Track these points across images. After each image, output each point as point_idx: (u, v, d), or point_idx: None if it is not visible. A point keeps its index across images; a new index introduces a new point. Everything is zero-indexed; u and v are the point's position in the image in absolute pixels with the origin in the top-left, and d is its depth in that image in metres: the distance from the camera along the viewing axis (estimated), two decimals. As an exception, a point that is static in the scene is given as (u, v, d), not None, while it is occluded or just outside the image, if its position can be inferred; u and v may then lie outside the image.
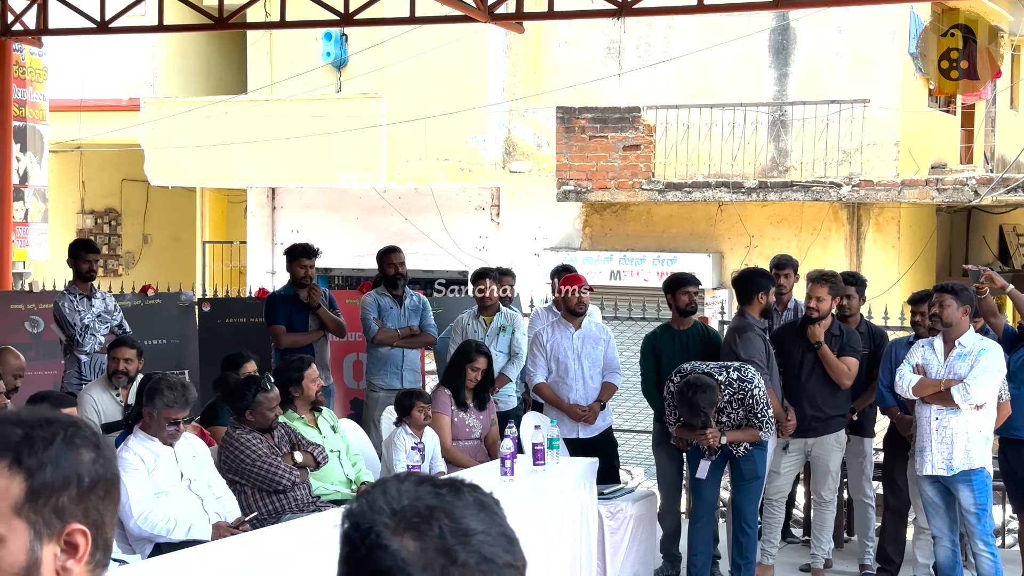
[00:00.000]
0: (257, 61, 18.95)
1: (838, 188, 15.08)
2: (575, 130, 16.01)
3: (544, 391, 8.27)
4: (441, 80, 17.22)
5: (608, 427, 8.44)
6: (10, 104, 11.42)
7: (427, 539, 1.45)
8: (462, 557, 1.44)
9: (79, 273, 8.84)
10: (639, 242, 16.85)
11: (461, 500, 1.50)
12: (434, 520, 1.46)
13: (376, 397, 8.98)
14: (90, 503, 1.66)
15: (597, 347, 8.25)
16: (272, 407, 6.53)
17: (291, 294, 9.01)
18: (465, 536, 1.46)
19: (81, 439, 1.68)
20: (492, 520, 1.50)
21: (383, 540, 1.45)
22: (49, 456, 1.64)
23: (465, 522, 1.47)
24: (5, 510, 1.62)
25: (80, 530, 1.65)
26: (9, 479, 1.63)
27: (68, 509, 1.64)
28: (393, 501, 1.49)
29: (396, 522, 1.47)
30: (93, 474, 1.67)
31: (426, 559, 1.44)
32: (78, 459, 1.66)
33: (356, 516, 1.50)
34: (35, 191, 14.98)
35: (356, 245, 17.78)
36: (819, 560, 7.87)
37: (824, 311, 7.58)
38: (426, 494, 1.50)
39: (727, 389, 6.99)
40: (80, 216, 21.47)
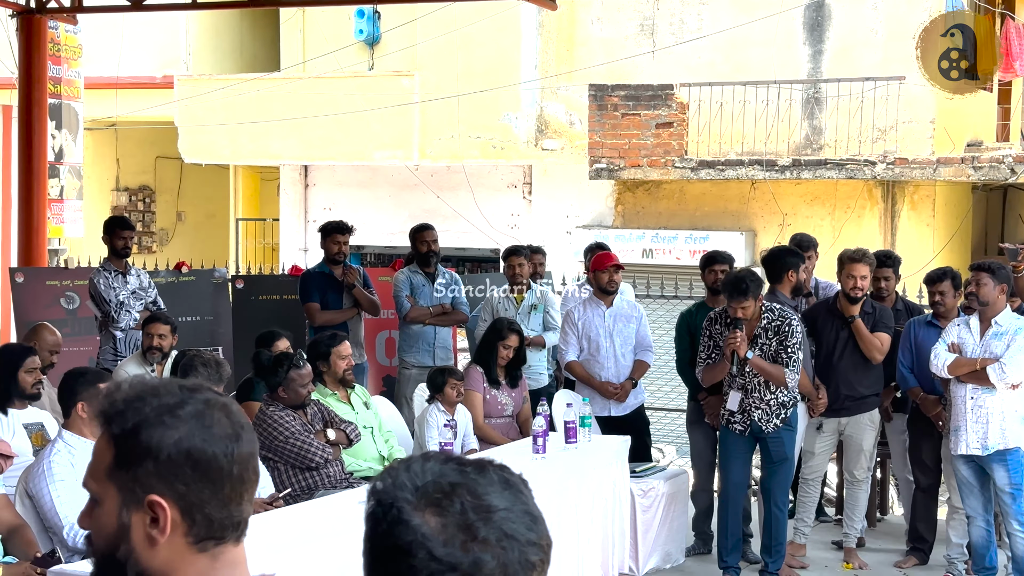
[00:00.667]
0: (290, 39, 18.96)
1: (873, 166, 14.97)
2: (608, 108, 15.95)
3: (576, 369, 8.28)
4: (474, 58, 17.19)
5: (640, 405, 8.44)
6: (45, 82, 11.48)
7: (448, 515, 1.45)
8: (483, 533, 1.45)
9: (114, 250, 8.88)
10: (671, 220, 16.78)
11: (485, 478, 1.50)
12: (456, 496, 1.46)
13: (408, 374, 9.01)
14: (175, 477, 1.72)
15: (629, 325, 8.24)
16: (304, 384, 6.56)
17: (325, 272, 9.03)
18: (487, 512, 1.46)
19: (181, 414, 1.74)
20: (516, 498, 1.50)
21: (404, 515, 1.46)
22: (134, 427, 1.72)
23: (488, 499, 1.47)
24: (102, 474, 1.75)
25: (158, 502, 1.71)
26: (107, 445, 1.75)
27: (147, 480, 1.72)
28: (416, 478, 1.49)
29: (418, 498, 1.47)
30: (176, 449, 1.72)
31: (447, 535, 1.44)
32: (163, 433, 1.72)
33: (379, 493, 1.51)
34: (70, 168, 15.06)
35: (388, 222, 17.80)
36: (851, 539, 7.85)
37: (867, 289, 7.55)
38: (450, 471, 1.50)
39: (766, 315, 6.97)
40: (114, 193, 21.59)
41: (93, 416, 1.81)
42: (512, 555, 1.45)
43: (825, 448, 7.79)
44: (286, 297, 10.09)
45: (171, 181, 21.95)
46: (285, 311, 9.81)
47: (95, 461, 1.76)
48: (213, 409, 1.76)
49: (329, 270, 9.00)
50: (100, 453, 1.76)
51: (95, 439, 1.77)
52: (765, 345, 6.96)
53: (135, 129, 20.46)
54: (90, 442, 5.40)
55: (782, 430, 7.08)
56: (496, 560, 1.44)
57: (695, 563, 7.84)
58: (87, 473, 1.78)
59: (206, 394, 1.79)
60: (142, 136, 20.84)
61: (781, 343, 6.92)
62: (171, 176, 21.82)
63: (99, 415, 1.76)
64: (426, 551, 1.44)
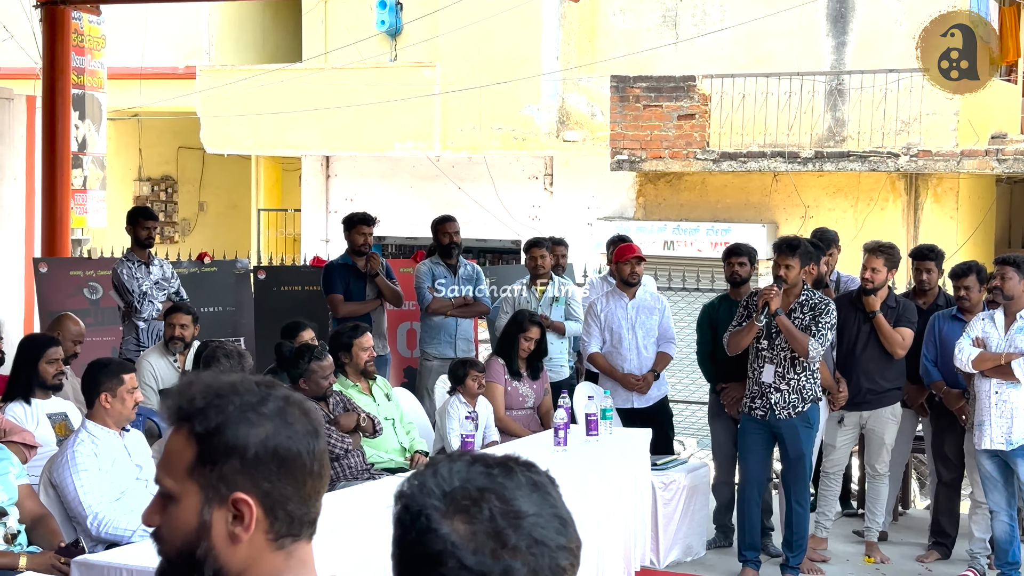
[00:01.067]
0: (312, 29, 18.98)
1: (896, 158, 14.90)
2: (629, 99, 15.92)
3: (598, 360, 8.27)
4: (495, 49, 17.17)
5: (663, 397, 8.42)
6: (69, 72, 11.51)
7: (477, 522, 1.44)
8: (513, 540, 1.44)
9: (137, 240, 8.90)
10: (693, 212, 16.75)
11: (513, 481, 1.49)
12: (484, 503, 1.46)
13: (429, 366, 9.01)
14: (259, 474, 1.72)
15: (651, 317, 8.22)
16: (325, 375, 6.56)
17: (349, 263, 9.03)
18: (516, 519, 1.45)
19: (262, 411, 1.75)
20: (545, 501, 1.49)
21: (433, 523, 1.45)
22: (219, 424, 1.73)
23: (516, 504, 1.46)
24: (182, 472, 1.74)
25: (244, 499, 1.71)
26: (187, 442, 1.75)
27: (232, 477, 1.72)
28: (444, 483, 1.49)
29: (446, 505, 1.47)
30: (262, 447, 1.73)
31: (477, 542, 1.44)
32: (248, 431, 1.73)
33: (407, 498, 1.50)
34: (93, 159, 15.11)
35: (409, 213, 17.81)
36: (872, 533, 7.82)
37: (879, 282, 7.49)
38: (477, 475, 1.50)
39: (805, 293, 6.95)
40: (137, 183, 21.67)
41: (166, 414, 1.79)
42: (543, 561, 1.45)
43: (846, 441, 7.76)
44: (308, 288, 10.10)
45: (193, 171, 22.02)
46: (307, 302, 9.82)
47: (171, 458, 1.75)
48: (292, 406, 1.78)
49: (352, 261, 9.00)
50: (178, 450, 1.74)
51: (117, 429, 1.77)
52: (798, 319, 6.93)
53: (158, 119, 20.53)
54: (113, 432, 5.43)
55: (798, 424, 7.02)
56: (527, 567, 1.44)
57: (716, 556, 7.82)
58: (161, 470, 1.77)
59: (282, 391, 1.80)
60: (165, 126, 20.91)
61: (814, 319, 6.90)
62: (193, 166, 21.89)
63: (175, 412, 1.76)
64: (456, 560, 1.43)
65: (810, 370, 6.99)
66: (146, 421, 6.91)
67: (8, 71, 16.96)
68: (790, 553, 7.18)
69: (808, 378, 6.99)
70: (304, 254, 15.75)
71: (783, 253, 6.92)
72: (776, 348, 6.99)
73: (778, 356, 7.00)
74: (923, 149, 14.85)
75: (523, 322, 7.93)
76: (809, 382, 7.00)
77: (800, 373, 6.97)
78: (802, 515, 7.13)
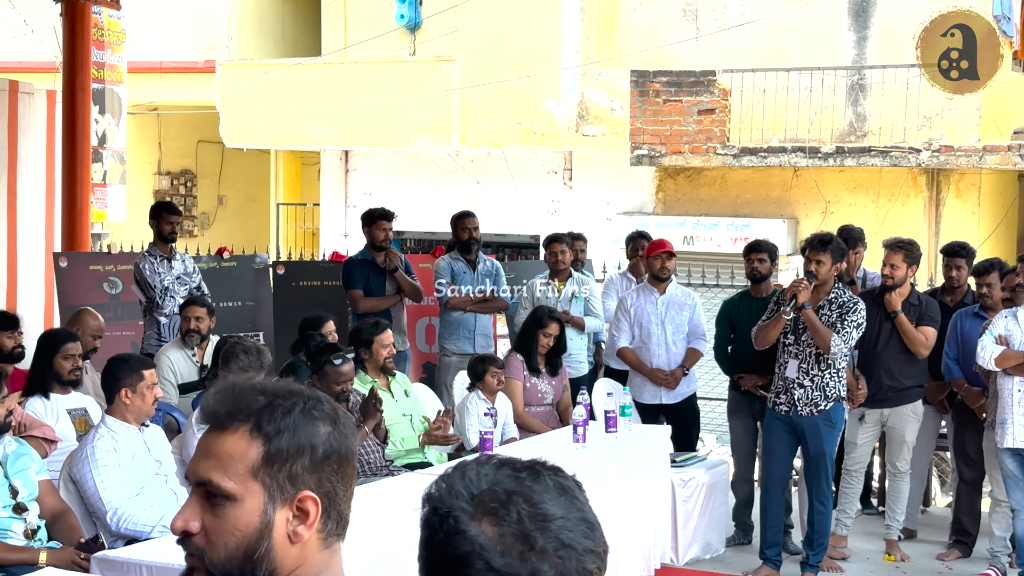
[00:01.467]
0: (331, 24, 18.99)
1: (917, 153, 14.82)
2: (649, 94, 15.87)
3: (627, 355, 8.27)
4: (514, 43, 17.14)
5: (692, 394, 8.39)
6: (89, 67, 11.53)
7: (505, 524, 1.44)
8: (540, 543, 1.44)
9: (161, 235, 8.92)
10: (713, 207, 16.70)
11: (541, 484, 1.49)
12: (512, 505, 1.46)
13: (448, 361, 9.01)
14: (323, 474, 1.75)
15: (681, 313, 8.19)
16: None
17: (368, 258, 9.03)
18: (544, 521, 1.45)
19: (320, 412, 1.77)
20: (572, 505, 1.49)
21: (461, 525, 1.46)
22: (287, 424, 1.74)
23: (544, 507, 1.46)
24: (243, 472, 1.73)
25: (312, 497, 1.73)
26: (249, 442, 1.74)
27: (301, 476, 1.73)
28: (472, 485, 1.49)
29: (474, 507, 1.47)
30: (327, 446, 1.75)
31: (504, 544, 1.44)
32: (314, 430, 1.75)
33: (435, 500, 1.50)
34: (113, 153, 15.15)
35: (428, 208, 17.80)
36: (893, 531, 7.78)
37: (899, 279, 7.44)
38: (505, 478, 1.50)
39: (835, 291, 6.93)
40: (156, 177, 21.72)
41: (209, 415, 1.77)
42: (570, 564, 1.45)
43: (867, 439, 7.72)
44: (327, 283, 10.11)
45: (213, 165, 22.06)
46: (326, 297, 9.82)
47: (230, 459, 1.73)
48: (333, 408, 1.81)
49: (372, 257, 9.00)
50: (239, 452, 1.73)
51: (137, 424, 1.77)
52: (825, 316, 6.91)
53: (177, 114, 20.56)
54: (133, 427, 5.43)
55: (820, 422, 6.97)
56: (554, 570, 1.43)
57: (735, 553, 7.80)
58: (214, 471, 1.73)
59: (315, 392, 1.83)
60: (184, 121, 20.94)
61: (841, 317, 6.87)
62: (213, 160, 21.92)
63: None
64: (484, 561, 1.43)
65: (835, 368, 6.94)
66: (165, 416, 6.92)
67: (29, 65, 17.02)
68: (810, 551, 7.15)
69: (832, 376, 6.95)
70: (323, 249, 15.77)
71: (815, 249, 6.91)
72: (802, 344, 6.97)
73: (803, 352, 6.97)
74: (945, 144, 14.77)
75: (542, 318, 7.92)
76: (833, 380, 6.96)
77: (824, 370, 6.93)
78: (823, 513, 7.09)
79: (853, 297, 6.98)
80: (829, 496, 7.13)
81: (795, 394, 6.99)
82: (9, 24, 17.01)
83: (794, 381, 6.98)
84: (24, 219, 12.21)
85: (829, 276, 6.92)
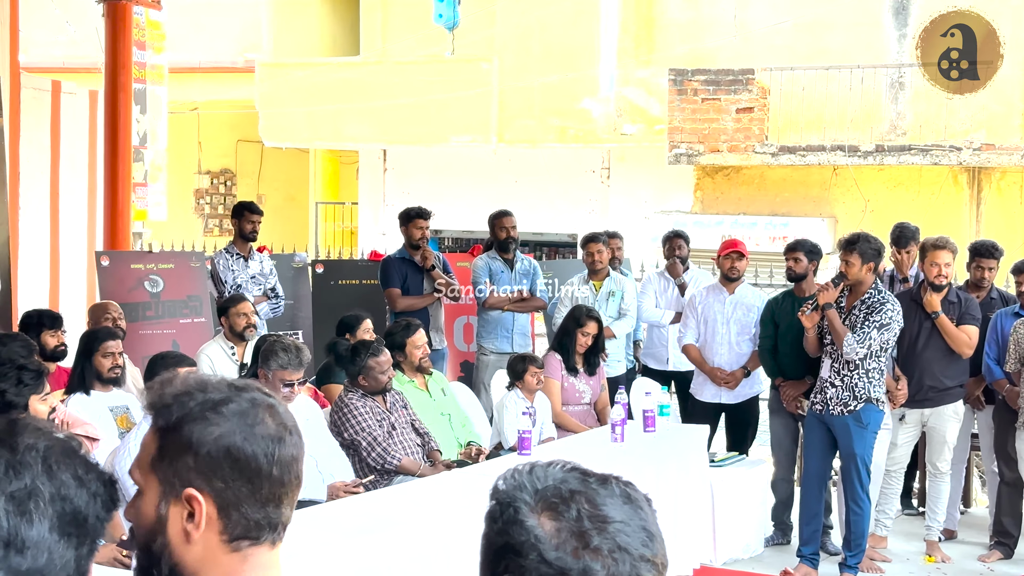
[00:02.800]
0: (370, 23, 19.05)
1: (958, 152, 14.71)
2: (687, 92, 15.83)
3: (691, 352, 8.26)
4: (552, 42, 17.14)
5: (755, 396, 8.34)
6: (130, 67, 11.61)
7: (564, 520, 1.45)
8: (596, 542, 1.44)
9: (242, 233, 9.06)
10: (751, 206, 16.63)
11: (606, 489, 1.50)
12: (574, 503, 1.47)
13: (486, 360, 9.02)
14: (215, 473, 1.73)
15: (749, 314, 8.13)
16: (384, 370, 6.58)
17: (406, 257, 9.05)
18: (602, 522, 1.46)
19: (224, 412, 1.75)
20: (635, 513, 1.50)
21: (521, 516, 1.47)
22: (176, 422, 1.74)
23: (605, 509, 1.47)
24: (146, 464, 1.77)
25: (195, 496, 1.72)
26: (152, 436, 1.78)
27: (186, 474, 1.73)
28: (537, 481, 1.50)
29: (536, 500, 1.48)
30: (215, 447, 1.73)
31: (560, 539, 1.45)
32: (204, 430, 1.73)
33: (500, 493, 1.52)
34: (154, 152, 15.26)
35: (466, 207, 17.83)
36: (933, 532, 7.72)
37: (950, 277, 7.42)
38: (572, 479, 1.51)
39: (871, 292, 6.89)
40: (196, 177, 21.86)
41: (144, 408, 1.82)
42: (623, 568, 1.45)
43: (907, 439, 7.67)
44: (365, 282, 10.14)
45: (252, 164, 22.18)
46: (365, 296, 9.85)
47: (142, 452, 1.78)
48: (258, 408, 1.77)
49: (409, 256, 9.03)
50: (146, 444, 1.78)
51: None
52: (855, 317, 6.88)
53: (217, 113, 20.69)
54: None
55: (850, 422, 6.93)
56: (606, 571, 1.44)
57: (773, 553, 7.76)
58: (133, 463, 1.80)
59: (253, 393, 1.79)
60: (223, 120, 21.07)
61: (867, 316, 6.84)
62: (252, 159, 22.04)
63: (147, 407, 1.78)
64: (537, 553, 1.44)
65: (864, 369, 6.90)
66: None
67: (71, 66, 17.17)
68: (849, 552, 7.10)
69: (861, 377, 6.91)
70: (361, 247, 15.83)
71: (842, 250, 6.91)
72: (835, 344, 6.96)
73: (835, 352, 6.95)
74: (986, 142, 14.65)
75: (580, 317, 7.91)
76: (862, 381, 6.91)
77: (853, 371, 6.90)
78: (860, 515, 7.04)
79: (883, 298, 6.92)
80: (864, 497, 7.07)
81: (828, 393, 6.97)
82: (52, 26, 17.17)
83: (827, 381, 6.97)
84: (66, 218, 12.32)
85: (863, 276, 6.87)
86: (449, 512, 5.25)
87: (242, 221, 9.06)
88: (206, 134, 21.60)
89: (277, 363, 5.99)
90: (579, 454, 6.63)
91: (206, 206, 22.18)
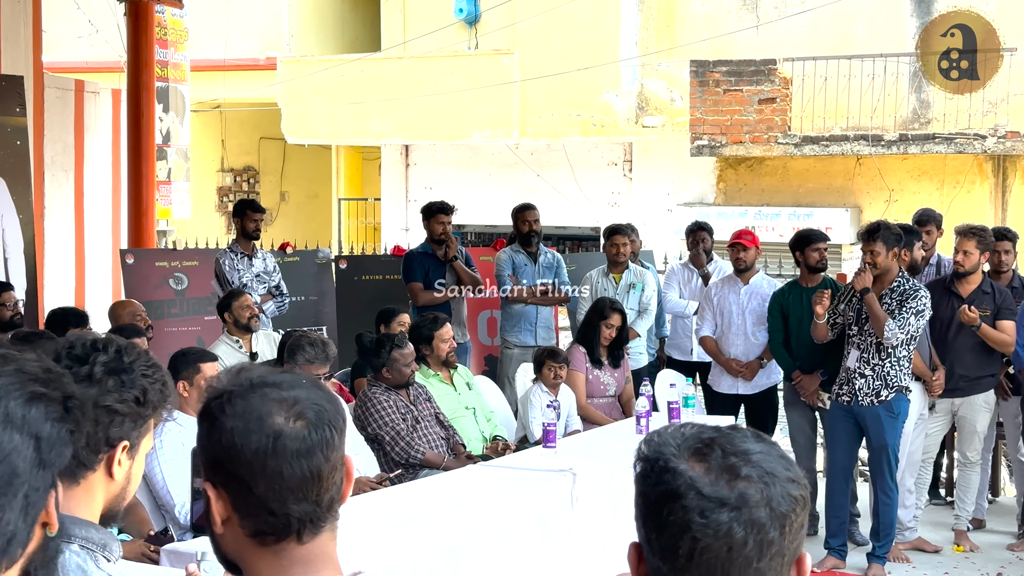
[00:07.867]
0: (391, 19, 19.06)
1: (983, 140, 14.62)
2: (709, 84, 15.78)
3: (708, 344, 8.26)
4: (573, 35, 17.12)
5: (772, 386, 8.31)
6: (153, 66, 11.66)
7: (711, 460, 1.57)
8: (745, 471, 1.56)
9: (245, 232, 9.05)
10: (774, 197, 16.58)
11: (739, 434, 1.62)
12: (716, 446, 1.59)
13: (510, 354, 9.02)
14: (219, 469, 1.77)
15: (764, 304, 8.10)
16: (407, 363, 6.59)
17: (428, 251, 9.06)
18: (745, 455, 1.57)
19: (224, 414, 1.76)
20: (771, 447, 1.61)
21: (672, 464, 1.57)
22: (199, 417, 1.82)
23: (744, 445, 1.59)
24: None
25: (207, 489, 1.78)
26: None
27: (207, 469, 1.79)
28: (677, 437, 1.62)
29: (681, 450, 1.59)
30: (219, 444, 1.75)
31: (712, 476, 1.55)
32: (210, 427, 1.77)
33: (646, 454, 1.62)
34: (177, 150, 15.32)
35: (489, 201, 17.83)
36: (962, 522, 7.69)
37: (971, 265, 7.36)
38: (708, 430, 1.62)
39: (899, 280, 6.88)
40: (220, 174, 21.94)
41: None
42: (775, 489, 1.55)
43: (937, 428, 7.64)
44: (389, 277, 10.16)
45: (275, 161, 22.24)
46: (388, 291, 9.87)
47: None
48: (268, 403, 1.75)
49: (432, 250, 9.03)
50: None
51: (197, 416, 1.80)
52: (886, 305, 6.85)
53: (239, 111, 20.75)
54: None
55: (882, 413, 6.90)
56: (760, 494, 1.54)
57: (800, 545, 7.72)
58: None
59: (272, 392, 1.76)
60: (246, 118, 21.14)
61: (901, 305, 6.81)
62: (275, 156, 22.11)
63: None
64: (695, 491, 1.54)
65: (896, 357, 6.87)
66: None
67: (94, 65, 17.25)
68: (877, 543, 7.08)
69: (893, 365, 6.88)
70: (384, 243, 15.84)
71: (865, 240, 6.87)
72: (864, 334, 6.92)
73: (864, 342, 6.92)
74: (1011, 130, 14.55)
75: (604, 309, 7.90)
76: (895, 369, 6.88)
77: (885, 360, 6.87)
78: (888, 505, 7.02)
79: (915, 285, 6.90)
80: (894, 487, 7.04)
81: (856, 384, 6.94)
82: (75, 25, 17.25)
83: (855, 371, 6.93)
84: (91, 217, 12.39)
85: (889, 264, 6.84)
86: (476, 506, 5.25)
87: (244, 220, 9.04)
88: (229, 132, 21.67)
89: (304, 357, 6.01)
90: (605, 446, 6.62)
91: (229, 204, 22.26)
